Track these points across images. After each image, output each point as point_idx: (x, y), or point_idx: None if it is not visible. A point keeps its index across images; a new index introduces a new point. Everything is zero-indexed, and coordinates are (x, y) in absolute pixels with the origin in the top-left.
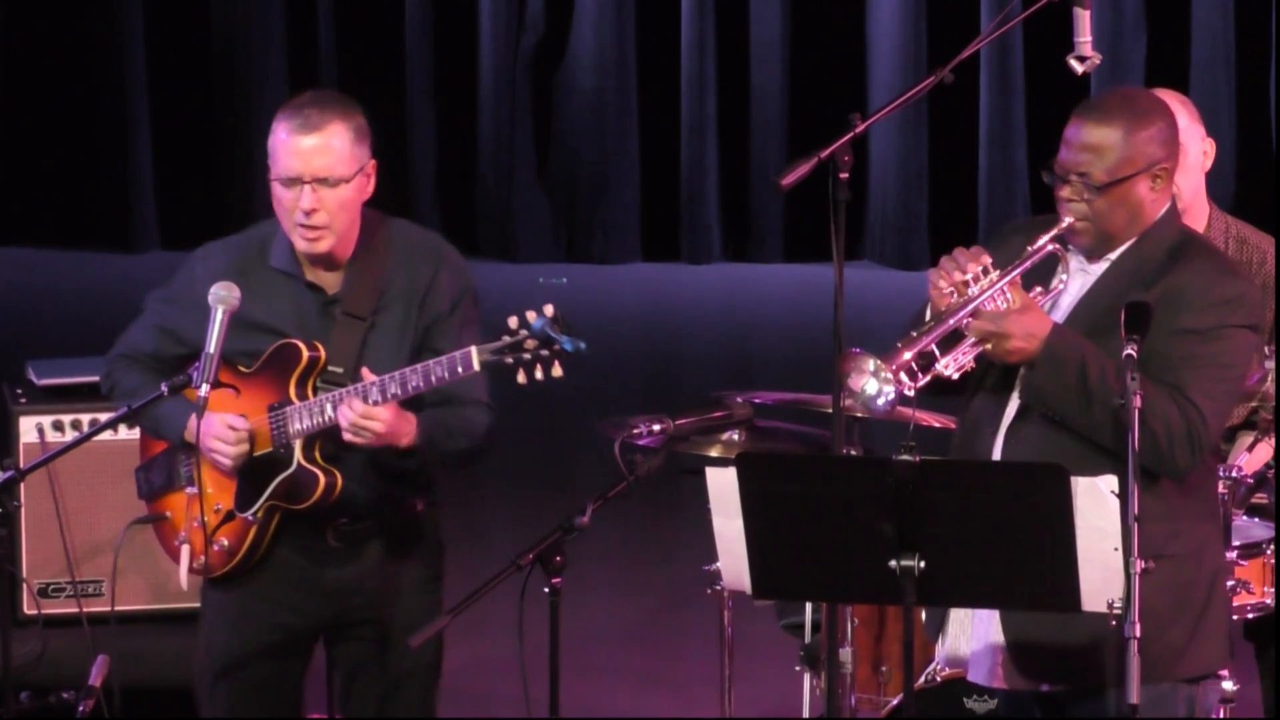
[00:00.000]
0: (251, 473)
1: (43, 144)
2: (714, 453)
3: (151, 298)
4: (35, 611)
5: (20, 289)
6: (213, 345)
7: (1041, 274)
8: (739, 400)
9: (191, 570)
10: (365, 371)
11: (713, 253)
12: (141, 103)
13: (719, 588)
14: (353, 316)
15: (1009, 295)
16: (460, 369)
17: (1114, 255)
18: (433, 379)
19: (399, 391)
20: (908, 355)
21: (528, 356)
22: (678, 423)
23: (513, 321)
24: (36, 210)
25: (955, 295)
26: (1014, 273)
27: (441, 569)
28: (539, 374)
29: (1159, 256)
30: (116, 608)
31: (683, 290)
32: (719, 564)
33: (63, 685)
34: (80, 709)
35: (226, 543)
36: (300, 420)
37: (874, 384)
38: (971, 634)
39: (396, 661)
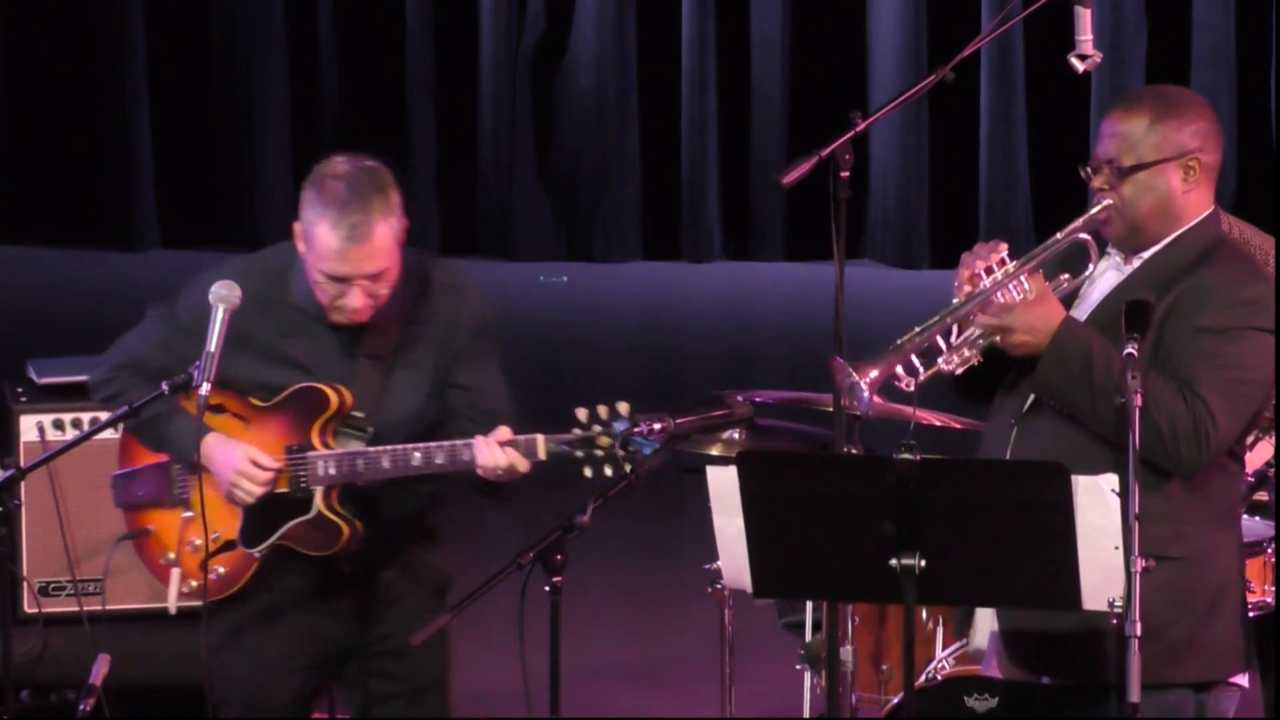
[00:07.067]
0: (261, 509)
1: (43, 143)
2: (714, 451)
3: (155, 314)
4: (35, 610)
5: (20, 288)
6: (213, 344)
7: (1073, 264)
8: (739, 399)
9: (182, 594)
10: (504, 430)
11: (713, 251)
12: (142, 102)
13: (719, 587)
14: (374, 359)
15: (1026, 285)
16: (526, 454)
17: (1147, 254)
18: (495, 464)
19: (445, 462)
20: (879, 371)
21: (600, 454)
22: (678, 421)
23: (581, 413)
24: (37, 209)
25: (969, 287)
26: (1033, 261)
27: (447, 586)
28: (608, 471)
29: (1190, 258)
30: (117, 607)
31: (683, 289)
32: (719, 563)
33: (63, 684)
34: (81, 708)
35: (223, 570)
36: (326, 468)
37: (856, 388)
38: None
39: (414, 676)
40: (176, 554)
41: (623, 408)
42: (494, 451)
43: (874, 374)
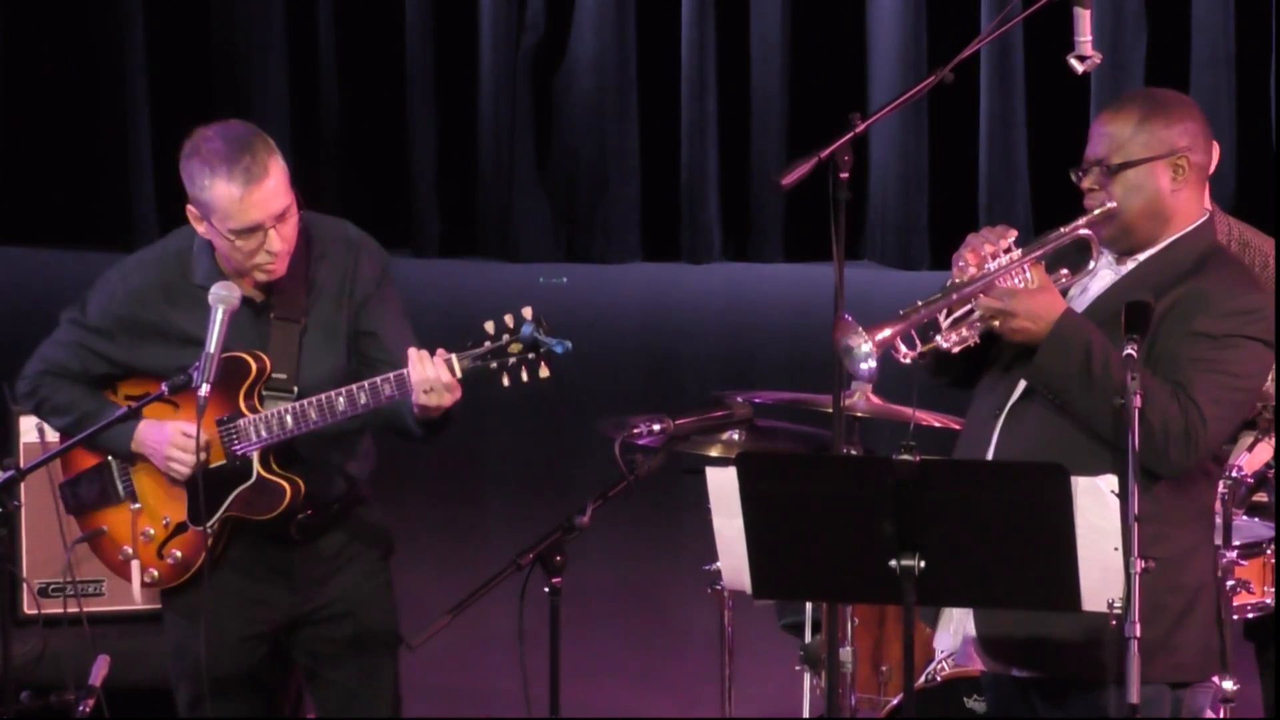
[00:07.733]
0: (205, 486)
1: (43, 143)
2: (714, 452)
3: (68, 318)
4: (35, 611)
5: (20, 288)
6: (213, 345)
7: (1073, 260)
8: (739, 400)
9: (144, 585)
10: (414, 353)
11: (713, 252)
12: (142, 102)
13: (719, 588)
14: (287, 320)
15: (1029, 274)
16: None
17: (1142, 257)
18: (429, 376)
19: (369, 400)
20: (890, 331)
21: (513, 361)
22: (678, 422)
23: (489, 326)
24: (37, 210)
25: (974, 269)
26: (1037, 253)
27: (390, 549)
28: (524, 376)
29: (1186, 264)
30: (117, 608)
31: (683, 290)
32: (719, 564)
33: (63, 685)
34: (81, 708)
35: (180, 554)
36: (258, 431)
37: (862, 350)
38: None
39: (363, 638)
40: (132, 547)
41: (526, 312)
42: (426, 364)
43: (881, 335)
